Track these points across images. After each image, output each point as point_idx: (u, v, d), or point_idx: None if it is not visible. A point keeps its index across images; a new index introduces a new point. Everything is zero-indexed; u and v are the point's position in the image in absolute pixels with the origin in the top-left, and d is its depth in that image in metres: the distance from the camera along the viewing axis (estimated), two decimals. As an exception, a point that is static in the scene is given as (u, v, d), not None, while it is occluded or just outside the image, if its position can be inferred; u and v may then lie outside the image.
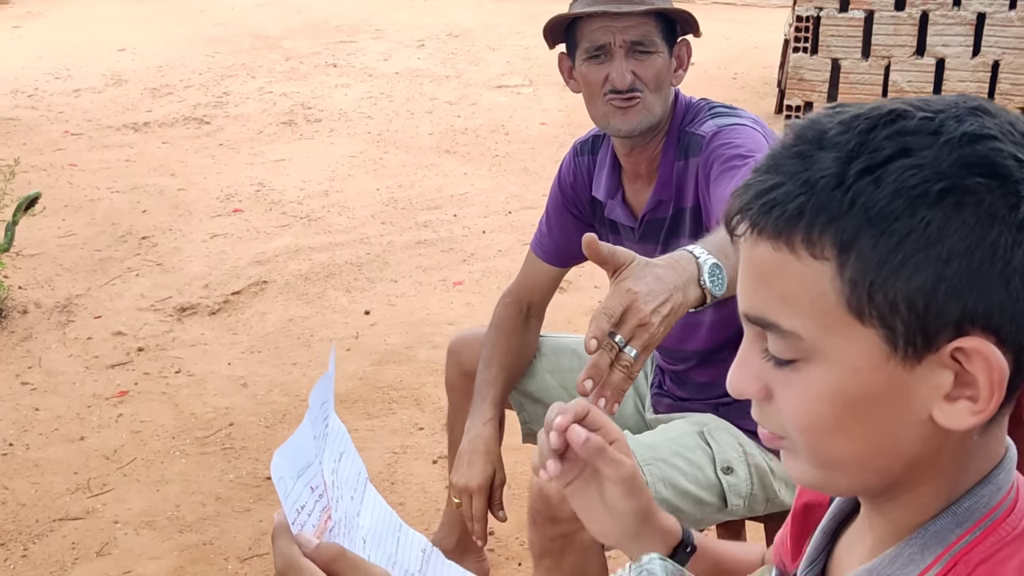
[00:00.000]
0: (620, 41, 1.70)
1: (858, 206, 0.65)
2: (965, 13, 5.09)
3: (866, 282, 0.65)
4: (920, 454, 0.70)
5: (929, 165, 0.64)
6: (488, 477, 1.83)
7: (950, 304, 0.65)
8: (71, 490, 2.70)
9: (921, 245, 0.64)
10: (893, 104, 0.68)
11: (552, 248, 2.00)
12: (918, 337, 0.66)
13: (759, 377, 0.73)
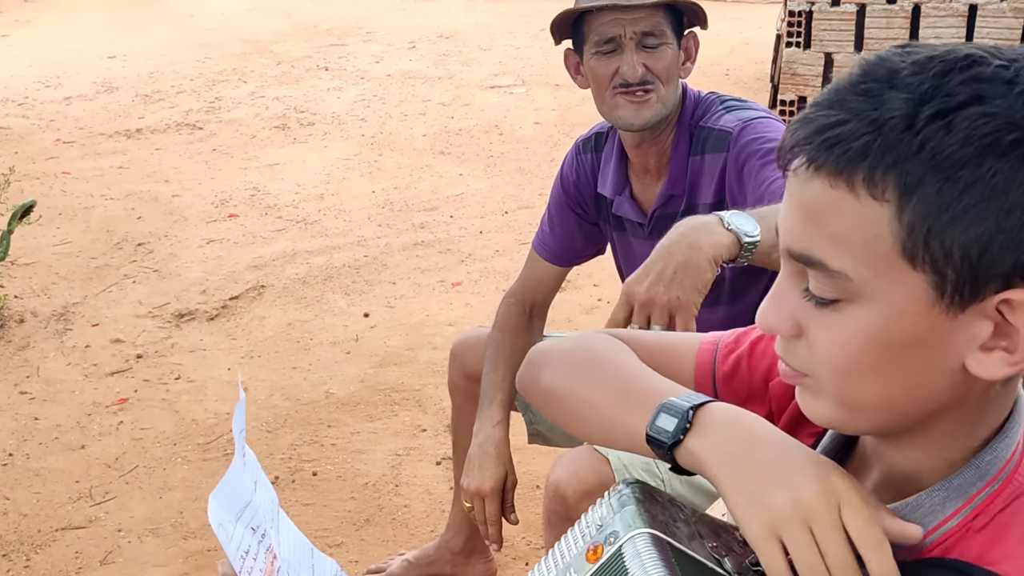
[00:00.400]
0: (630, 33, 1.69)
1: (926, 150, 0.63)
2: (957, 5, 5.10)
3: (924, 227, 0.64)
4: (947, 401, 0.70)
5: (1003, 115, 0.63)
6: (500, 480, 1.82)
7: (1004, 256, 0.64)
8: (73, 499, 2.68)
9: (985, 195, 0.63)
10: (968, 48, 0.67)
11: (555, 247, 1.99)
12: (967, 286, 0.65)
13: (792, 315, 0.72)
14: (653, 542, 0.74)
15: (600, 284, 3.69)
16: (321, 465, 2.80)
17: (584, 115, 5.55)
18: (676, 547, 0.74)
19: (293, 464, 2.80)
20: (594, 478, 1.62)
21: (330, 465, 2.79)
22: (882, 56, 0.69)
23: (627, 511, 0.77)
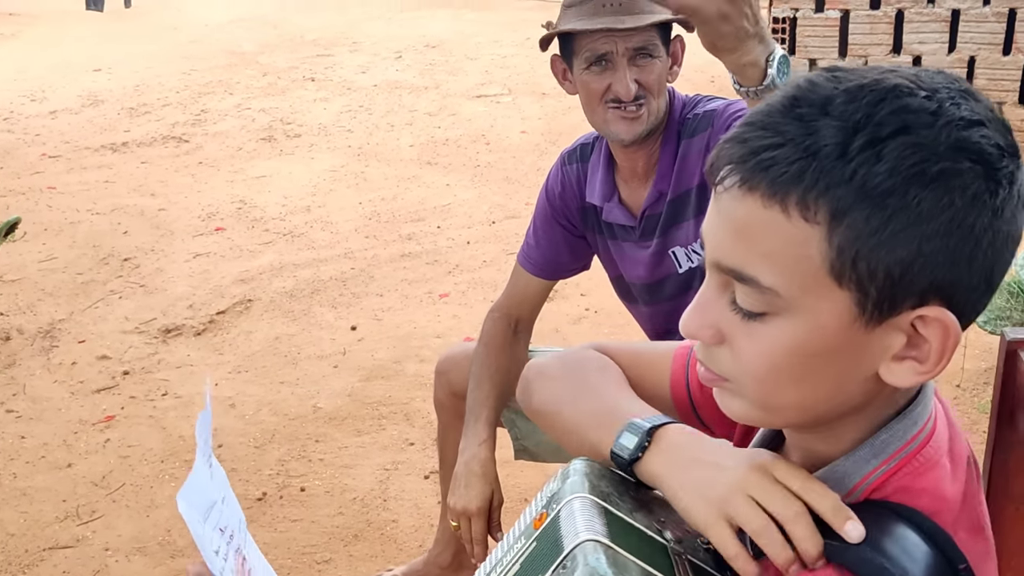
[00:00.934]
0: (622, 50, 1.69)
1: (858, 178, 0.67)
2: (940, 10, 5.13)
3: (853, 250, 0.68)
4: (858, 404, 0.75)
5: (928, 146, 0.67)
6: (487, 499, 1.81)
7: (922, 276, 0.69)
8: (60, 518, 2.66)
9: (910, 222, 0.67)
10: (895, 78, 0.70)
11: (540, 261, 1.98)
12: (886, 303, 0.70)
13: (715, 323, 0.76)
14: (590, 504, 0.78)
15: (587, 294, 3.69)
16: (309, 480, 2.79)
17: (571, 123, 5.57)
18: (612, 512, 0.79)
19: (281, 480, 2.79)
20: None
21: (318, 480, 2.78)
22: (813, 81, 0.72)
23: (571, 481, 0.82)
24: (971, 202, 0.67)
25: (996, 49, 5.11)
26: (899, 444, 0.76)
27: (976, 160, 0.68)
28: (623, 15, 1.68)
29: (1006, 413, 1.00)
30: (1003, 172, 0.69)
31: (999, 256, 0.71)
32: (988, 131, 0.69)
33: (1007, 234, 0.70)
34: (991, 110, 0.71)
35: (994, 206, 0.68)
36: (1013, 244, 0.71)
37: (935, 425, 0.78)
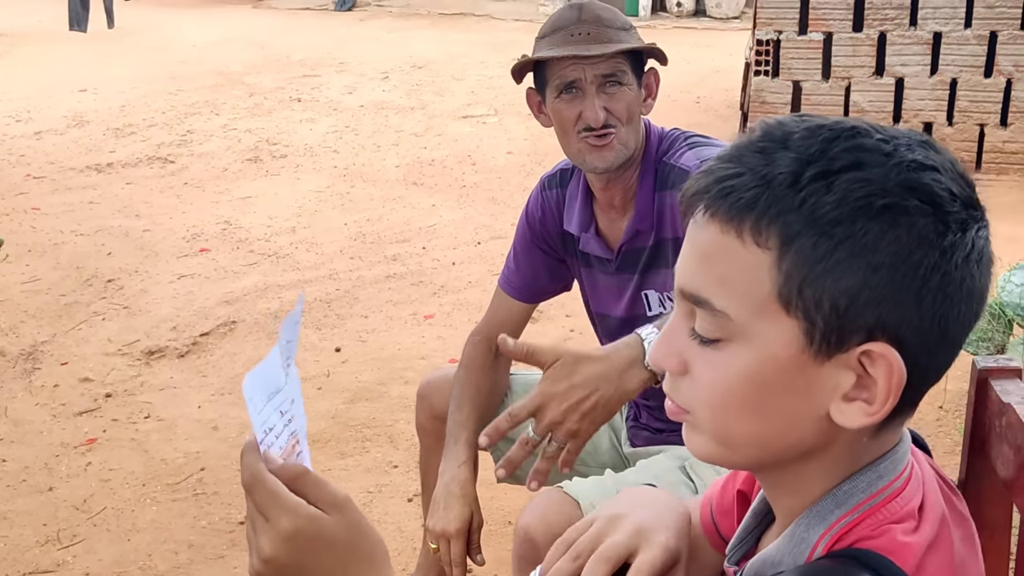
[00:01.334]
0: (591, 77, 1.70)
1: (807, 206, 0.70)
2: (922, 33, 5.17)
3: (799, 276, 0.70)
4: (813, 446, 0.76)
5: (876, 181, 0.70)
6: (466, 521, 1.81)
7: (868, 310, 0.70)
8: (40, 543, 2.64)
9: (855, 252, 0.69)
10: (856, 122, 0.74)
11: (520, 284, 1.99)
12: (834, 335, 0.71)
13: (679, 352, 0.78)
14: None
15: (573, 315, 3.70)
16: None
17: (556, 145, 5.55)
18: None
19: (264, 503, 2.77)
20: (564, 522, 1.61)
21: (301, 504, 2.77)
22: (781, 120, 0.76)
23: None
24: (917, 240, 0.69)
25: (978, 71, 5.15)
26: (862, 497, 0.76)
27: (925, 200, 0.70)
28: (591, 43, 1.70)
29: (978, 441, 1.00)
30: (953, 216, 0.70)
31: (952, 304, 0.71)
32: (941, 177, 0.71)
33: (959, 281, 0.71)
34: (952, 162, 0.73)
35: (942, 247, 0.70)
36: (969, 296, 0.72)
37: (907, 484, 0.77)
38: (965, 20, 5.11)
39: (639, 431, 1.94)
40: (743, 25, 9.27)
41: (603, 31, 1.71)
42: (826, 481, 0.78)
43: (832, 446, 0.76)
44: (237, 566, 2.54)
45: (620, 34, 1.73)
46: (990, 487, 0.98)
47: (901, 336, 0.71)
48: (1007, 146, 5.22)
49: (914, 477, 0.79)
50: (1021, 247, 3.97)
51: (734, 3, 9.88)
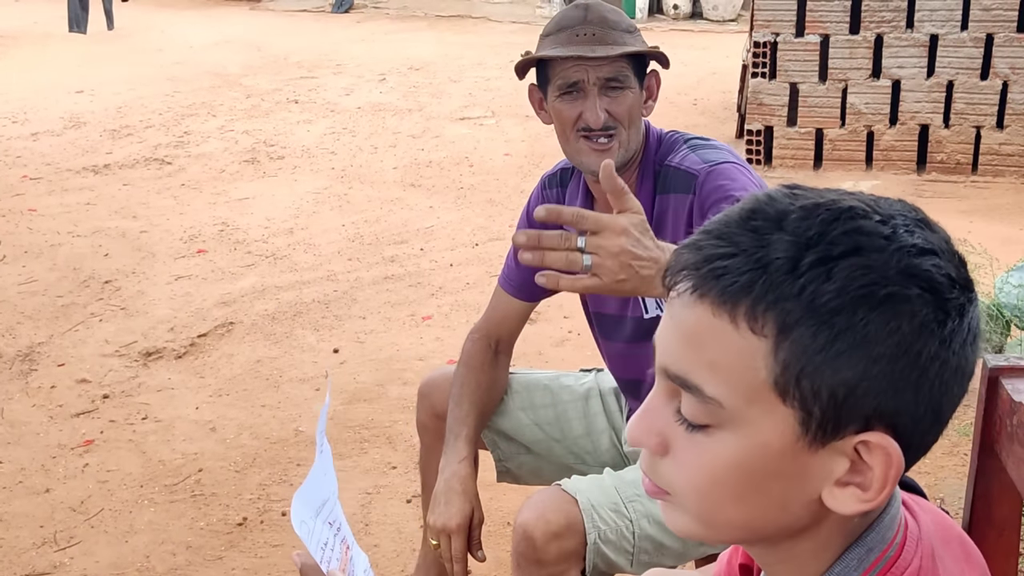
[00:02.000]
0: (594, 79, 1.70)
1: (806, 294, 0.67)
2: (918, 35, 5.18)
3: (798, 366, 0.68)
4: (803, 527, 0.74)
5: (877, 269, 0.67)
6: (467, 516, 1.81)
7: (867, 400, 0.68)
8: (37, 544, 2.63)
9: (856, 343, 0.67)
10: (851, 201, 0.71)
11: (520, 282, 1.98)
12: (830, 424, 0.69)
13: (661, 432, 0.74)
14: None
15: (571, 316, 3.69)
16: (290, 505, 2.76)
17: (554, 146, 5.56)
18: None
19: (262, 504, 2.77)
20: (562, 519, 1.61)
21: (299, 505, 2.76)
22: (772, 195, 0.72)
23: None
24: (919, 329, 0.68)
25: (974, 74, 5.16)
26: (856, 574, 0.75)
27: (926, 288, 0.68)
28: (596, 44, 1.69)
29: (988, 441, 1.00)
30: (952, 303, 0.69)
31: (947, 388, 0.70)
32: (940, 261, 0.69)
33: (956, 367, 0.70)
34: (946, 241, 0.72)
35: (942, 336, 0.68)
36: (962, 378, 0.71)
37: (901, 549, 0.76)
38: (961, 22, 5.12)
39: None
40: (739, 28, 9.29)
41: (608, 33, 1.71)
42: (821, 559, 0.76)
43: (823, 525, 0.74)
44: (235, 567, 2.53)
45: (625, 36, 1.72)
46: (1000, 486, 0.97)
47: (898, 423, 0.69)
48: (1003, 148, 5.23)
49: (909, 538, 0.77)
50: (1017, 248, 3.98)
51: (730, 6, 9.89)
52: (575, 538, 1.61)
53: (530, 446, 2.01)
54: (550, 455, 2.02)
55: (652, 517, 1.67)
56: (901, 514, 0.78)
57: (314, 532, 0.85)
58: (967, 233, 3.95)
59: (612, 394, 2.03)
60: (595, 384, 2.06)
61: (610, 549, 1.64)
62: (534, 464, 2.04)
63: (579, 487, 1.67)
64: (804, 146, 5.46)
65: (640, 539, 1.66)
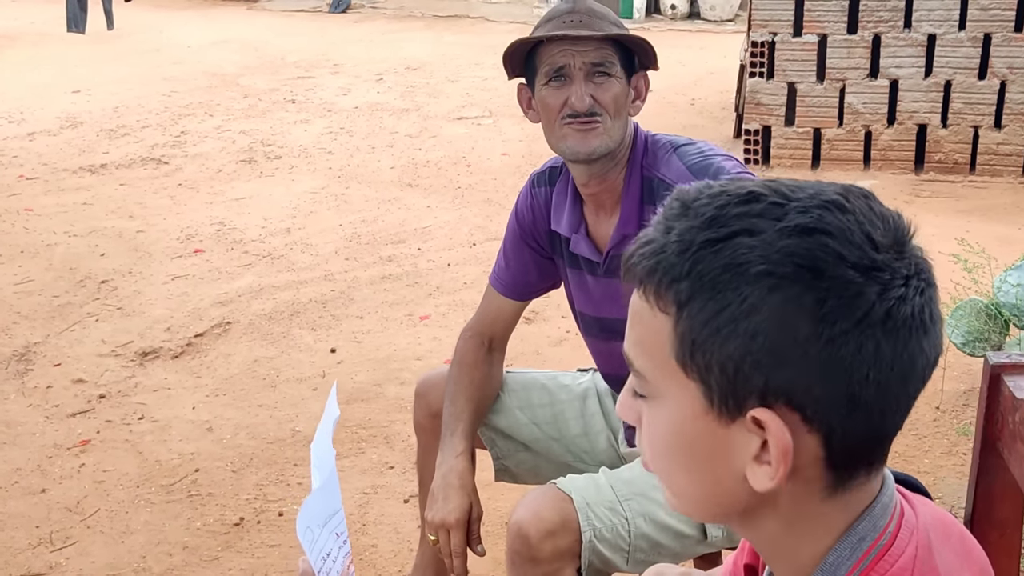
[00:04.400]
0: (579, 63, 1.69)
1: (695, 272, 0.72)
2: (916, 35, 5.18)
3: (690, 340, 0.73)
4: (750, 504, 0.76)
5: (759, 247, 0.71)
6: (465, 511, 1.80)
7: (755, 375, 0.71)
8: (33, 545, 2.62)
9: (735, 317, 0.71)
10: (757, 186, 0.75)
11: (510, 282, 1.98)
12: (729, 399, 0.73)
13: (634, 407, 0.81)
14: None
15: (568, 316, 3.66)
16: (287, 505, 2.76)
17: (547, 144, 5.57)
18: None
19: (259, 504, 2.76)
20: (557, 517, 1.61)
21: (296, 505, 2.75)
22: (695, 187, 0.78)
23: None
24: (794, 306, 0.70)
25: (972, 73, 5.16)
26: (849, 565, 0.76)
27: (807, 267, 0.70)
28: (581, 29, 1.69)
29: (990, 439, 0.99)
30: (836, 283, 0.70)
31: (850, 371, 0.70)
32: (830, 241, 0.70)
33: (859, 349, 0.70)
34: (860, 224, 0.72)
35: (820, 315, 0.69)
36: (883, 364, 0.71)
37: (892, 539, 0.77)
38: (959, 22, 5.12)
39: (635, 431, 1.93)
40: (736, 28, 9.28)
41: (595, 20, 1.71)
42: (809, 548, 0.77)
43: (776, 507, 0.76)
44: (232, 568, 2.52)
45: (612, 26, 1.72)
46: (1002, 484, 0.97)
47: (797, 402, 0.71)
48: (1001, 148, 5.23)
49: (904, 527, 0.78)
50: (1015, 248, 3.98)
51: (728, 6, 9.89)
52: (570, 536, 1.61)
53: (528, 444, 2.01)
54: (548, 454, 2.01)
55: (648, 516, 1.66)
56: (895, 503, 0.79)
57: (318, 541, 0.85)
58: (965, 233, 3.95)
59: (609, 394, 2.03)
60: (592, 384, 2.05)
61: (605, 547, 1.63)
62: (532, 463, 2.03)
63: (574, 485, 1.66)
64: (802, 146, 5.46)
65: (636, 537, 1.65)
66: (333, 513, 0.86)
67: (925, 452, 2.88)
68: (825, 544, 0.77)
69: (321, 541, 0.85)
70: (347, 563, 0.88)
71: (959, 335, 2.92)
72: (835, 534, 0.77)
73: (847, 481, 0.75)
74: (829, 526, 0.77)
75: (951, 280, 3.21)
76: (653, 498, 1.67)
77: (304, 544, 0.83)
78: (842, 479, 0.75)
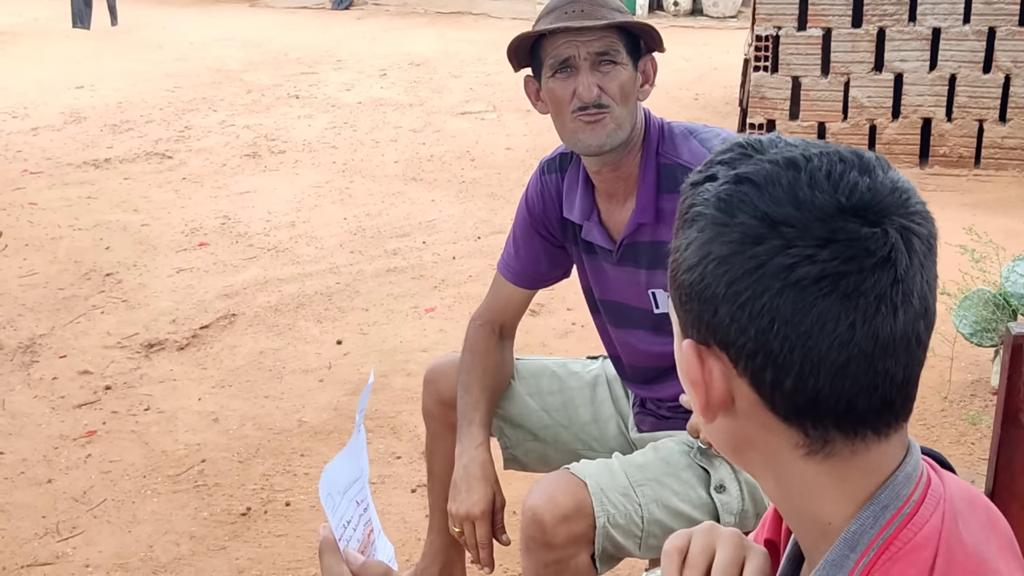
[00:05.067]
0: (584, 54, 1.68)
1: (680, 209, 0.80)
2: (921, 28, 5.17)
3: (671, 270, 0.80)
4: (738, 444, 0.80)
5: (710, 191, 0.76)
6: (490, 502, 1.79)
7: (692, 309, 0.77)
8: (40, 535, 2.62)
9: (683, 253, 0.77)
10: (748, 138, 0.80)
11: (520, 270, 1.97)
12: (689, 329, 0.78)
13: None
14: None
15: (574, 308, 3.68)
16: (294, 495, 2.76)
17: (555, 140, 5.53)
18: None
19: (266, 495, 2.75)
20: (571, 502, 1.60)
21: (303, 495, 2.75)
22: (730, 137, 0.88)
23: None
24: (707, 244, 0.75)
25: (976, 67, 5.15)
26: (872, 534, 0.76)
27: (721, 210, 0.75)
28: (584, 19, 1.68)
29: (1012, 410, 0.99)
30: (738, 229, 0.73)
31: (754, 319, 0.72)
32: (752, 192, 0.74)
33: (756, 296, 0.72)
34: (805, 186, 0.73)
35: (722, 255, 0.74)
36: (781, 319, 0.72)
37: (917, 508, 0.76)
38: (964, 16, 5.11)
39: (645, 417, 1.93)
40: (739, 24, 9.27)
41: (597, 9, 1.69)
42: (824, 514, 0.78)
43: (753, 448, 0.79)
44: (239, 557, 2.52)
45: (614, 13, 1.71)
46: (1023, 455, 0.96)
47: (721, 341, 0.75)
48: (1006, 141, 5.22)
49: (930, 496, 0.77)
50: (1021, 241, 3.97)
51: (731, 2, 9.88)
52: (584, 521, 1.60)
53: (537, 432, 2.00)
54: (557, 441, 2.01)
55: (661, 501, 1.66)
56: (921, 472, 0.79)
57: (339, 508, 0.84)
58: (970, 226, 3.94)
59: (618, 381, 2.02)
60: (602, 371, 2.05)
61: (619, 533, 1.63)
62: (541, 451, 2.03)
63: (588, 471, 1.66)
64: (806, 140, 5.45)
65: (649, 523, 1.65)
66: (354, 480, 0.86)
67: (933, 442, 2.87)
68: (846, 512, 0.77)
69: (342, 508, 0.84)
70: (367, 531, 0.87)
71: (967, 325, 2.91)
72: (856, 502, 0.76)
73: (825, 443, 0.75)
74: (832, 491, 0.77)
75: (959, 270, 3.20)
76: (666, 484, 1.67)
77: (327, 510, 0.82)
78: (815, 439, 0.75)
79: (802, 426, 0.75)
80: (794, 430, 0.76)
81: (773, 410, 0.75)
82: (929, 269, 0.75)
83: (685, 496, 1.66)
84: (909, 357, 0.74)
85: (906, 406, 0.76)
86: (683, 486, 1.67)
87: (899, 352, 0.73)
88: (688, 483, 1.68)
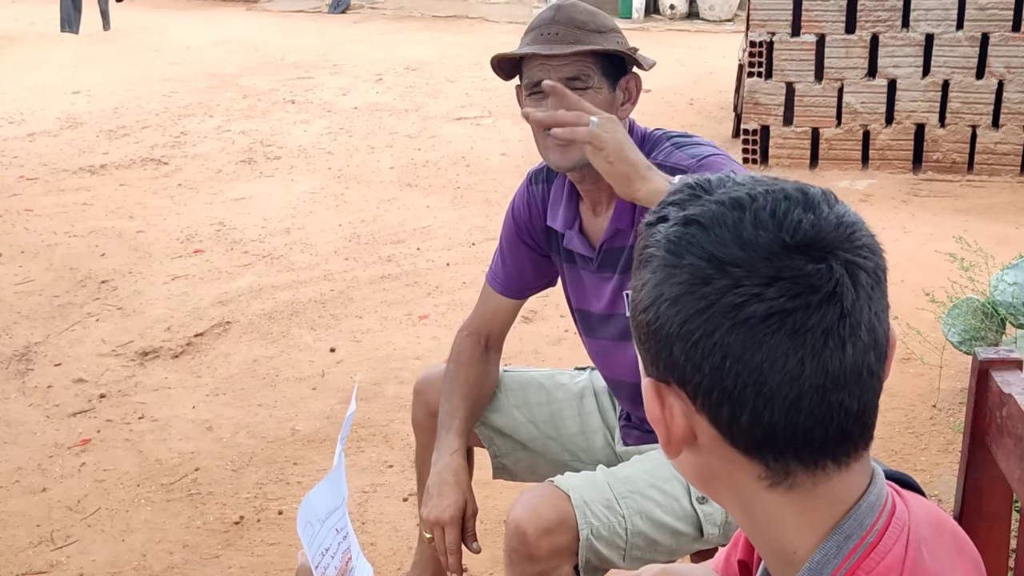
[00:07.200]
0: (555, 78, 1.69)
1: (636, 250, 0.81)
2: (914, 34, 5.19)
3: (634, 304, 0.81)
4: (705, 477, 0.81)
5: (660, 233, 0.78)
6: (460, 508, 1.81)
7: (651, 348, 0.78)
8: (34, 543, 2.63)
9: (640, 294, 0.79)
10: (701, 179, 0.81)
11: (506, 280, 1.99)
12: (650, 367, 0.80)
13: None
14: None
15: (566, 315, 3.68)
16: (287, 504, 2.77)
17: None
18: None
19: (259, 503, 2.77)
20: (555, 515, 1.62)
21: (296, 504, 2.76)
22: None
23: None
24: (660, 288, 0.76)
25: (969, 73, 5.17)
26: (836, 563, 0.76)
27: (671, 252, 0.76)
28: (554, 43, 1.69)
29: (978, 433, 1.01)
30: (687, 270, 0.75)
31: (707, 357, 0.74)
32: (700, 234, 0.75)
33: (707, 336, 0.73)
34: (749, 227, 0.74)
35: (672, 296, 0.75)
36: (732, 356, 0.73)
37: (880, 537, 0.77)
38: (957, 22, 5.13)
39: (631, 430, 1.95)
40: (735, 28, 9.29)
41: (571, 32, 1.69)
42: (790, 544, 0.78)
43: (720, 481, 0.80)
44: (232, 566, 2.54)
45: (591, 36, 1.70)
46: (990, 479, 0.98)
47: (679, 379, 0.77)
48: (999, 147, 5.24)
49: (893, 524, 0.78)
50: (1013, 247, 3.99)
51: (727, 6, 9.90)
52: (567, 534, 1.62)
53: (525, 443, 2.02)
54: (545, 452, 2.02)
55: (644, 514, 1.68)
56: (885, 500, 0.80)
57: (317, 536, 0.85)
58: (963, 232, 3.96)
59: (606, 393, 2.04)
60: (589, 383, 2.07)
61: (603, 545, 1.64)
62: (530, 461, 2.04)
63: (572, 483, 1.67)
64: (800, 145, 5.47)
65: (632, 535, 1.66)
66: (334, 509, 0.87)
67: (922, 450, 2.90)
68: (811, 542, 0.78)
69: (320, 536, 0.86)
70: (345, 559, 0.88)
71: (955, 333, 2.93)
72: (820, 532, 0.77)
73: (787, 475, 0.76)
74: (796, 521, 0.78)
75: (948, 278, 3.22)
76: (650, 496, 1.69)
77: (303, 539, 0.83)
78: (777, 471, 0.76)
79: (763, 459, 0.76)
80: (756, 463, 0.77)
81: (733, 444, 0.77)
82: (877, 301, 0.75)
83: (669, 508, 1.68)
84: (862, 388, 0.75)
85: (864, 435, 0.77)
86: (667, 498, 1.69)
87: (851, 384, 0.74)
88: (672, 495, 1.69)
